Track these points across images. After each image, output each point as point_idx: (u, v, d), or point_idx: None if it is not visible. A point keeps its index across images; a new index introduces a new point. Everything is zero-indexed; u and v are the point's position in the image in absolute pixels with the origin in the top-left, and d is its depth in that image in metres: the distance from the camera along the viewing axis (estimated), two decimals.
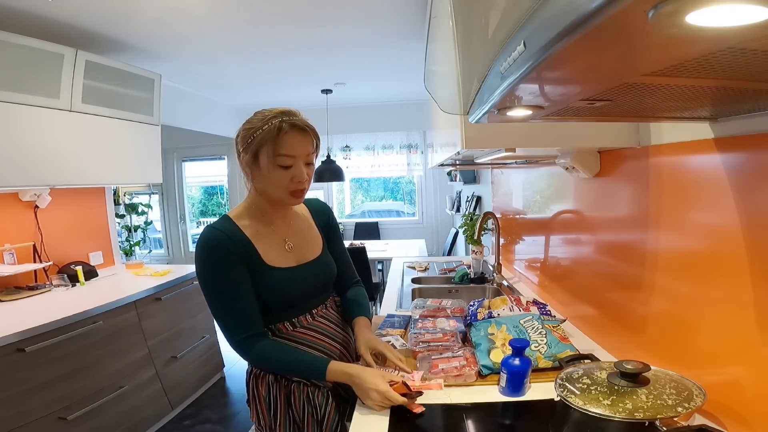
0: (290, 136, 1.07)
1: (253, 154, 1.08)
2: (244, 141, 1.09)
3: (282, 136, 1.05)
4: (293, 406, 1.11)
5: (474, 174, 3.84)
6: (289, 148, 1.07)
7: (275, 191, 1.10)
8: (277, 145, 1.05)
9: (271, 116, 1.07)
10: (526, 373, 1.08)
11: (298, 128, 1.08)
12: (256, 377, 1.14)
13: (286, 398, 1.12)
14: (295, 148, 1.07)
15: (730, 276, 0.84)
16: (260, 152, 1.07)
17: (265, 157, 1.06)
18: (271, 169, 1.07)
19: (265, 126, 1.06)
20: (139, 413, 2.33)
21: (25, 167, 2.15)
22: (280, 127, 1.05)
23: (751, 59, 0.41)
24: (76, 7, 2.10)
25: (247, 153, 1.09)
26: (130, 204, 4.79)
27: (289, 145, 1.06)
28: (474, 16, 0.96)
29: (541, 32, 0.42)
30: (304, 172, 1.10)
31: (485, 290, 2.22)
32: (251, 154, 1.08)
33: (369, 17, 2.42)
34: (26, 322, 1.80)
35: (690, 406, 0.77)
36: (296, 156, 1.08)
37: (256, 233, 1.12)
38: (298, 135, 1.08)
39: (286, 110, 1.10)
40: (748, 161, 0.81)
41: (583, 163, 1.36)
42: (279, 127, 1.05)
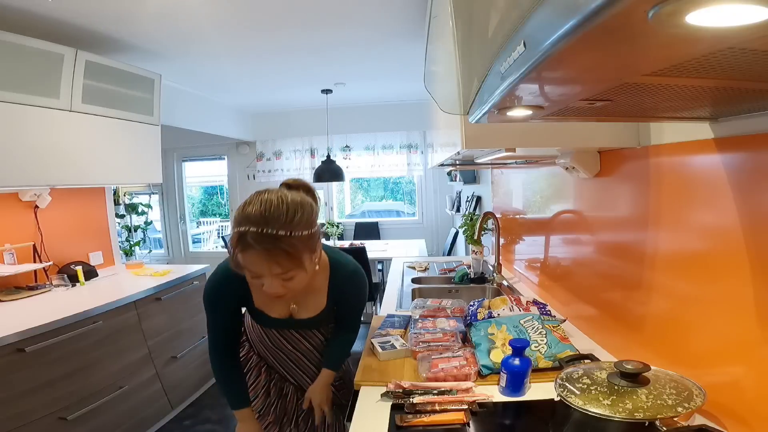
0: (249, 256, 0.92)
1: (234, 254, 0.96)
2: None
3: (240, 253, 0.92)
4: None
5: (474, 174, 3.84)
6: (249, 267, 0.93)
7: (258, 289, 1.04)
8: (237, 259, 0.93)
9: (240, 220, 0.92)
10: (526, 373, 1.08)
11: (262, 249, 0.90)
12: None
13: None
14: (255, 268, 0.93)
15: (730, 276, 0.84)
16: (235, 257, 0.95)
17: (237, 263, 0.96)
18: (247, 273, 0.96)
19: (235, 228, 0.93)
20: (139, 413, 2.33)
21: (25, 167, 2.14)
22: (240, 240, 0.91)
23: (751, 59, 0.41)
24: (76, 7, 2.10)
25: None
26: (130, 204, 4.79)
27: (248, 264, 0.93)
28: (474, 16, 0.96)
29: (541, 32, 0.42)
30: (278, 287, 0.97)
31: (485, 290, 2.22)
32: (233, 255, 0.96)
33: (369, 17, 2.42)
34: (26, 322, 1.80)
35: (690, 406, 0.77)
36: (261, 275, 0.94)
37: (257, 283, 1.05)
38: (259, 256, 0.91)
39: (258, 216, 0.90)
40: (748, 161, 0.81)
41: (583, 163, 1.36)
42: (239, 240, 0.91)
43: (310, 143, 5.44)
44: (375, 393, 1.11)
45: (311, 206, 0.99)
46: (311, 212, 0.98)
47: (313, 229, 0.98)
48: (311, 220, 0.98)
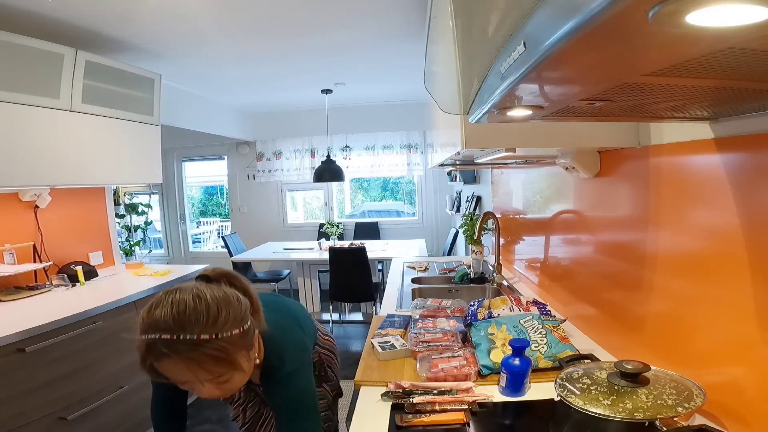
0: (167, 365, 0.76)
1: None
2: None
3: (156, 363, 0.76)
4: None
5: (474, 174, 3.84)
6: (172, 375, 0.78)
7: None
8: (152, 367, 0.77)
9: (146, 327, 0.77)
10: (526, 373, 1.08)
11: (183, 356, 0.75)
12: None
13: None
14: (179, 376, 0.78)
15: (730, 276, 0.84)
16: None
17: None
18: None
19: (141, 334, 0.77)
20: (139, 413, 2.33)
21: (25, 167, 2.14)
22: (147, 354, 0.76)
23: (751, 59, 0.41)
24: (76, 7, 2.10)
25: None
26: (130, 204, 4.79)
27: (169, 373, 0.77)
28: (474, 16, 0.96)
29: (541, 32, 0.42)
30: (212, 392, 0.82)
31: (485, 290, 2.22)
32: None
33: (369, 17, 2.42)
34: (26, 322, 1.80)
35: (690, 406, 0.77)
36: (188, 382, 0.79)
37: None
38: (181, 364, 0.76)
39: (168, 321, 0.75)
40: (748, 161, 0.81)
41: (583, 163, 1.36)
42: (145, 354, 0.76)
43: (310, 143, 5.44)
44: (375, 393, 1.11)
45: (237, 300, 0.83)
46: (238, 308, 0.82)
47: (245, 326, 0.81)
48: (239, 316, 0.81)
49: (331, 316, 4.20)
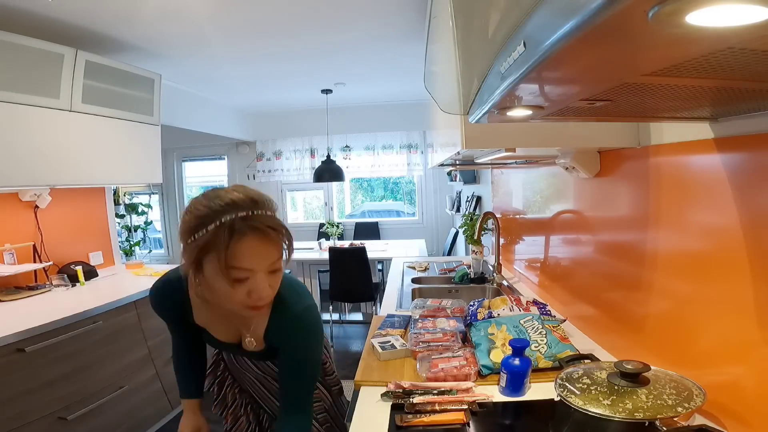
0: (246, 243, 0.77)
1: (196, 258, 0.79)
2: (186, 235, 0.80)
3: (235, 244, 0.77)
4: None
5: (474, 174, 3.84)
6: (245, 260, 0.78)
7: (228, 305, 0.85)
8: (229, 255, 0.77)
9: (221, 208, 0.77)
10: (526, 373, 1.08)
11: (259, 232, 0.78)
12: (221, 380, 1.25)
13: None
14: (252, 259, 0.79)
15: (730, 276, 0.84)
16: (205, 260, 0.79)
17: (210, 267, 0.79)
18: (219, 283, 0.80)
19: (211, 225, 0.77)
20: (139, 413, 2.33)
21: (25, 167, 2.14)
22: (233, 229, 0.76)
23: (751, 59, 0.41)
24: (76, 7, 2.10)
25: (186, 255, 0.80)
26: (130, 204, 4.79)
27: (244, 255, 0.78)
28: (474, 16, 0.96)
29: (541, 32, 0.42)
30: (266, 286, 0.82)
31: (485, 290, 2.22)
32: (193, 257, 0.79)
33: (369, 17, 2.42)
34: (26, 322, 1.80)
35: (690, 406, 0.77)
36: (254, 269, 0.80)
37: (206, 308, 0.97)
38: (257, 242, 0.78)
39: (248, 199, 0.79)
40: (748, 161, 0.81)
41: (583, 163, 1.36)
42: (231, 229, 0.76)
43: (310, 143, 5.44)
44: (375, 393, 1.11)
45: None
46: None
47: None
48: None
49: (331, 316, 4.20)
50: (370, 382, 1.18)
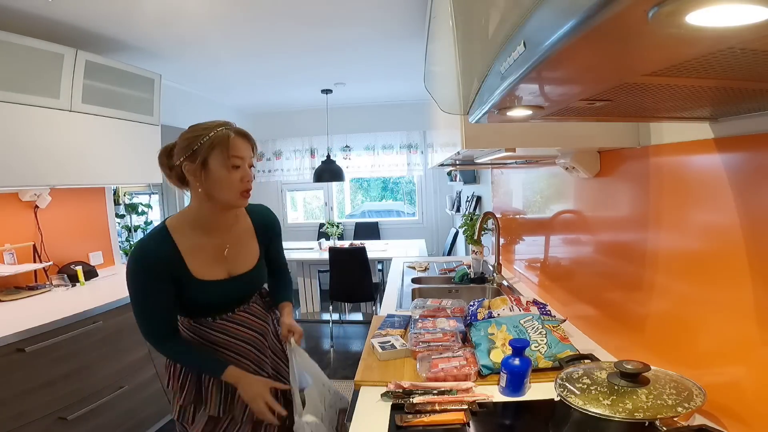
0: (238, 140, 1.15)
1: (203, 160, 1.11)
2: (188, 149, 1.12)
3: (232, 140, 1.13)
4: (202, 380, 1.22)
5: (474, 174, 3.84)
6: (239, 150, 1.14)
7: (226, 193, 1.14)
8: (230, 147, 1.12)
9: (215, 126, 1.13)
10: (526, 373, 1.08)
11: (242, 134, 1.17)
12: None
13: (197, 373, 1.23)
14: (242, 150, 1.15)
15: (730, 276, 0.84)
16: (210, 157, 1.11)
17: (216, 161, 1.11)
18: (222, 172, 1.12)
19: (211, 133, 1.11)
20: (139, 413, 2.33)
21: (25, 167, 2.14)
22: (228, 133, 1.13)
23: (751, 59, 0.41)
24: (76, 7, 2.10)
25: (193, 161, 1.11)
26: (130, 204, 4.79)
27: (238, 147, 1.14)
28: (474, 16, 0.96)
29: (541, 32, 0.42)
30: (250, 174, 1.18)
31: (485, 290, 2.22)
32: (199, 162, 1.11)
33: (369, 17, 2.42)
34: (26, 322, 1.80)
35: (690, 406, 0.77)
36: (244, 158, 1.15)
37: (193, 246, 1.16)
38: (244, 140, 1.17)
39: (225, 121, 1.17)
40: (748, 161, 0.81)
41: (583, 163, 1.36)
42: (227, 133, 1.13)
43: (310, 143, 5.44)
44: (375, 393, 1.11)
45: None
46: None
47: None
48: None
49: (331, 316, 4.20)
50: (370, 382, 1.18)
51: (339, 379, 2.91)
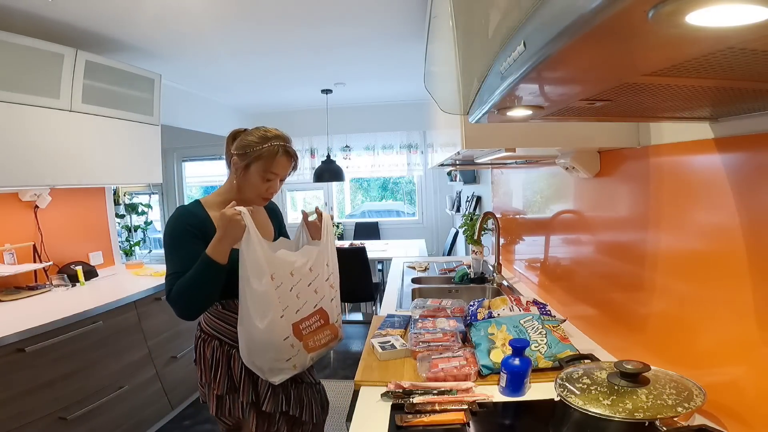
0: (282, 159, 1.29)
1: (247, 163, 1.28)
2: (242, 149, 1.28)
3: (277, 159, 1.28)
4: (232, 368, 1.29)
5: (474, 174, 3.84)
6: (278, 168, 1.29)
7: (250, 194, 1.32)
8: (271, 164, 1.28)
9: (272, 137, 1.29)
10: (526, 373, 1.08)
11: (289, 155, 1.31)
12: (203, 341, 1.32)
13: (227, 361, 1.30)
14: (281, 169, 1.31)
15: (730, 276, 0.84)
16: (253, 164, 1.27)
17: (255, 169, 1.28)
18: (256, 179, 1.29)
19: (265, 145, 1.27)
20: (139, 413, 2.33)
21: (25, 167, 2.14)
22: (278, 151, 1.28)
23: (751, 59, 0.41)
24: (76, 7, 2.10)
25: (241, 160, 1.28)
26: (130, 204, 4.79)
27: (278, 166, 1.29)
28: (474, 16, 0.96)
29: (541, 32, 0.42)
30: (278, 187, 1.35)
31: (485, 290, 2.22)
32: (245, 163, 1.28)
33: (369, 17, 2.42)
34: (26, 322, 1.80)
35: (690, 406, 0.77)
36: (278, 175, 1.31)
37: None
38: (287, 160, 1.31)
39: (283, 135, 1.32)
40: (748, 161, 0.81)
41: (583, 163, 1.36)
42: (276, 151, 1.27)
43: (310, 143, 5.44)
44: (375, 393, 1.11)
45: None
46: None
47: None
48: None
49: None
50: (370, 382, 1.18)
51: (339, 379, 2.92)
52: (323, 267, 1.35)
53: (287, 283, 1.25)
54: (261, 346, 1.22)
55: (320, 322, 1.32)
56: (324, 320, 1.34)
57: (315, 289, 1.31)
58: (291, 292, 1.26)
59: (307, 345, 1.29)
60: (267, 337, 1.21)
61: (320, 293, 1.33)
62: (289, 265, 1.27)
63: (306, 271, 1.30)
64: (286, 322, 1.24)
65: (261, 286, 1.20)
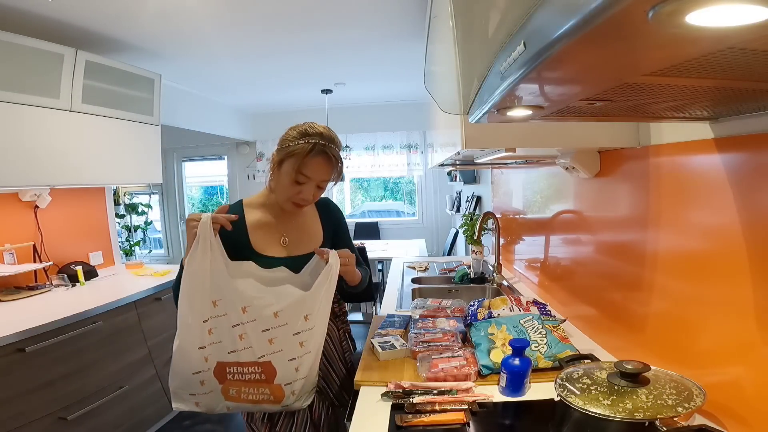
0: (316, 160, 1.14)
1: (280, 160, 1.17)
2: (280, 144, 1.19)
3: (308, 158, 1.13)
4: None
5: (474, 174, 3.84)
6: (309, 170, 1.15)
7: (280, 195, 1.20)
8: (301, 163, 1.13)
9: (312, 134, 1.15)
10: (526, 373, 1.08)
11: (326, 156, 1.16)
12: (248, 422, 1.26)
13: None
14: (314, 171, 1.15)
15: (730, 276, 0.84)
16: (286, 161, 1.16)
17: (286, 167, 1.16)
18: (286, 179, 1.16)
19: (301, 141, 1.14)
20: (139, 413, 2.33)
21: (25, 167, 2.14)
22: (312, 149, 1.13)
23: (751, 59, 0.41)
24: (76, 7, 2.10)
25: (277, 155, 1.19)
26: (130, 204, 4.79)
27: (310, 167, 1.14)
28: (474, 16, 0.96)
29: (541, 32, 0.42)
30: (312, 193, 1.19)
31: (485, 290, 2.22)
32: (278, 159, 1.18)
33: (369, 17, 2.42)
34: (26, 322, 1.79)
35: (690, 406, 0.77)
36: (311, 178, 1.16)
37: (258, 222, 1.24)
38: (322, 161, 1.16)
39: (327, 134, 1.17)
40: (748, 161, 0.81)
41: (583, 163, 1.36)
42: (310, 148, 1.13)
43: None
44: (375, 393, 1.11)
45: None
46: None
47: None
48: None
49: None
50: (370, 382, 1.17)
51: None
52: (298, 318, 1.09)
53: (232, 318, 1.06)
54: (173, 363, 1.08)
55: (259, 376, 1.09)
56: (267, 376, 1.08)
57: (270, 339, 1.07)
58: (233, 329, 1.06)
59: (227, 391, 1.09)
60: (176, 358, 1.07)
61: (276, 346, 1.08)
62: (246, 300, 1.07)
63: (268, 315, 1.07)
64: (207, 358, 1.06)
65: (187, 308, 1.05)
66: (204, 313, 1.06)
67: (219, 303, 1.06)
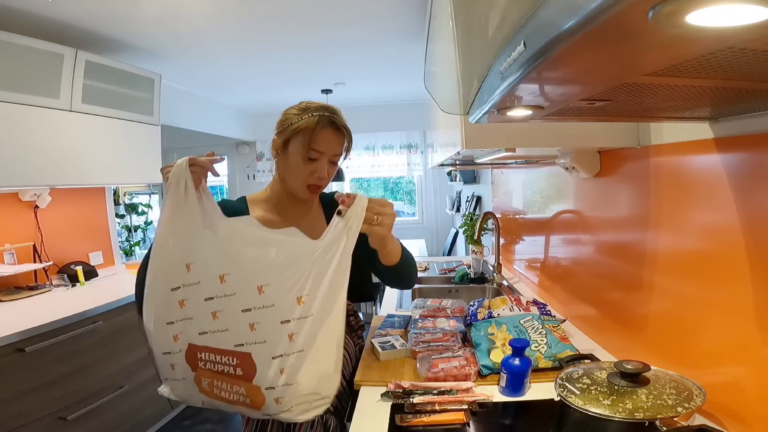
0: (325, 132, 1.08)
1: (285, 140, 1.09)
2: (281, 125, 1.12)
3: (317, 131, 1.06)
4: None
5: (474, 174, 3.84)
6: (320, 144, 1.07)
7: (293, 181, 1.10)
8: (311, 138, 1.06)
9: (313, 108, 1.09)
10: (526, 373, 1.08)
11: (335, 127, 1.10)
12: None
13: None
14: (325, 144, 1.08)
15: (730, 276, 0.84)
16: (292, 140, 1.08)
17: (294, 146, 1.08)
18: (296, 159, 1.08)
19: (304, 116, 1.07)
20: (139, 413, 2.33)
21: (25, 167, 2.14)
22: (319, 121, 1.07)
23: (751, 59, 0.41)
24: (76, 7, 2.10)
25: (279, 137, 1.10)
26: (130, 204, 4.79)
27: (321, 140, 1.07)
28: (474, 16, 0.96)
29: (541, 32, 0.42)
30: (326, 170, 1.11)
31: (485, 290, 2.22)
32: (283, 140, 1.09)
33: (369, 17, 2.42)
34: (26, 322, 1.80)
35: (690, 406, 0.77)
36: (324, 153, 1.09)
37: (263, 220, 1.12)
38: (332, 133, 1.10)
39: (329, 106, 1.11)
40: (748, 161, 0.81)
41: (583, 163, 1.36)
42: (317, 121, 1.06)
43: None
44: (375, 393, 1.11)
45: None
46: None
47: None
48: None
49: None
50: (370, 382, 1.17)
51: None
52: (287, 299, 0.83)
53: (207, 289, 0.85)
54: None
55: (234, 371, 0.85)
56: (244, 372, 0.84)
57: (251, 324, 0.83)
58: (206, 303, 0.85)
59: (200, 381, 0.89)
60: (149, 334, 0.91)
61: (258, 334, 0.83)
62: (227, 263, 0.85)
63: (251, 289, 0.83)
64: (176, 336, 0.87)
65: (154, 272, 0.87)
66: (173, 279, 0.86)
67: (193, 267, 0.85)
